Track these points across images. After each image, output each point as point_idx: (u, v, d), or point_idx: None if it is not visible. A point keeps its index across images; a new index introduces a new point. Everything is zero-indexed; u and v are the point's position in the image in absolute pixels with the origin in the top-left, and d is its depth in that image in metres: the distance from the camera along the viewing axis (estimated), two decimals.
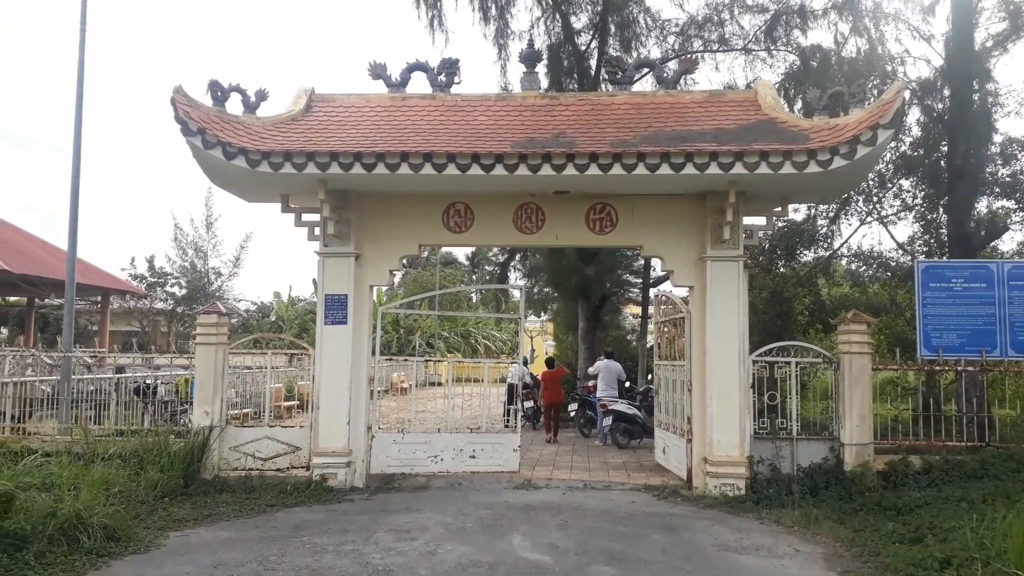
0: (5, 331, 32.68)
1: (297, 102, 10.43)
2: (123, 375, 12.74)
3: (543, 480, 10.40)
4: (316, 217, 10.07)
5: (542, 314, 31.18)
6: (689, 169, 8.79)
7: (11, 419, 11.66)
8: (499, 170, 8.90)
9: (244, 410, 14.82)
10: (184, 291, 32.91)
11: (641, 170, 8.81)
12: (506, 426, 11.56)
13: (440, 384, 12.35)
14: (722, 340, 9.76)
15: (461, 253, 51.42)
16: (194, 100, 9.43)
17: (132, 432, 10.29)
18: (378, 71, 10.54)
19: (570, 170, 8.85)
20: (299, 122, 10.08)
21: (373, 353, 10.46)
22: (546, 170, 8.87)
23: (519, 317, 11.67)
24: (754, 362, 10.02)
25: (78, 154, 12.14)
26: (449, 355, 30.74)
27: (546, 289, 24.39)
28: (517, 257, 23.74)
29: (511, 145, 9.15)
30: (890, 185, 16.45)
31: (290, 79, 56.75)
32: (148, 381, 13.59)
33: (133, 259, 33.44)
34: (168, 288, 33.52)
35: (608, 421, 14.16)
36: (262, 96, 9.95)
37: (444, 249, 51.15)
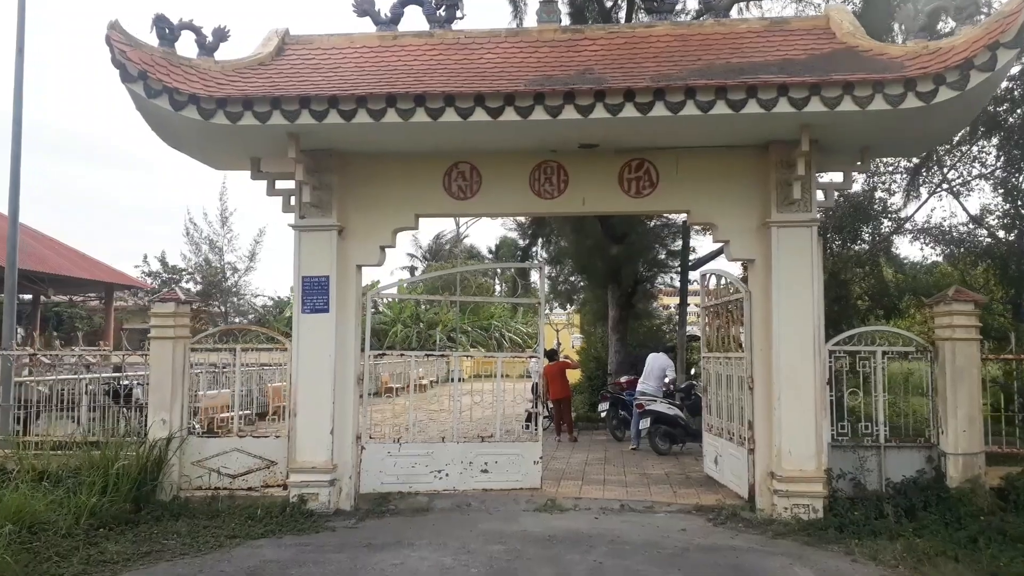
0: (21, 330, 31.66)
1: (266, 44, 8.63)
2: (88, 375, 11.14)
3: (570, 499, 8.51)
4: (291, 184, 8.32)
5: (568, 306, 29.17)
6: (752, 107, 6.85)
7: None
8: (510, 114, 7.04)
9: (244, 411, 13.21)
10: (199, 287, 31.66)
11: (691, 110, 6.88)
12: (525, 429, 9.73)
13: (463, 380, 10.53)
14: (792, 325, 7.82)
15: (484, 245, 49.67)
16: (135, 39, 7.66)
17: (77, 444, 8.63)
18: (364, 6, 8.69)
19: (599, 112, 6.96)
20: (267, 67, 8.29)
21: (363, 348, 8.70)
22: (569, 112, 6.99)
23: (538, 302, 9.79)
24: (831, 352, 8.11)
25: (18, 120, 10.55)
26: (472, 350, 28.91)
27: (572, 278, 22.43)
28: (539, 242, 21.82)
29: (524, 84, 7.30)
30: (963, 149, 14.27)
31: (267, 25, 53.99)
32: (124, 382, 12.06)
33: (146, 256, 32.31)
34: (183, 284, 32.28)
35: (646, 423, 12.24)
36: (221, 36, 8.16)
37: (467, 241, 49.62)
